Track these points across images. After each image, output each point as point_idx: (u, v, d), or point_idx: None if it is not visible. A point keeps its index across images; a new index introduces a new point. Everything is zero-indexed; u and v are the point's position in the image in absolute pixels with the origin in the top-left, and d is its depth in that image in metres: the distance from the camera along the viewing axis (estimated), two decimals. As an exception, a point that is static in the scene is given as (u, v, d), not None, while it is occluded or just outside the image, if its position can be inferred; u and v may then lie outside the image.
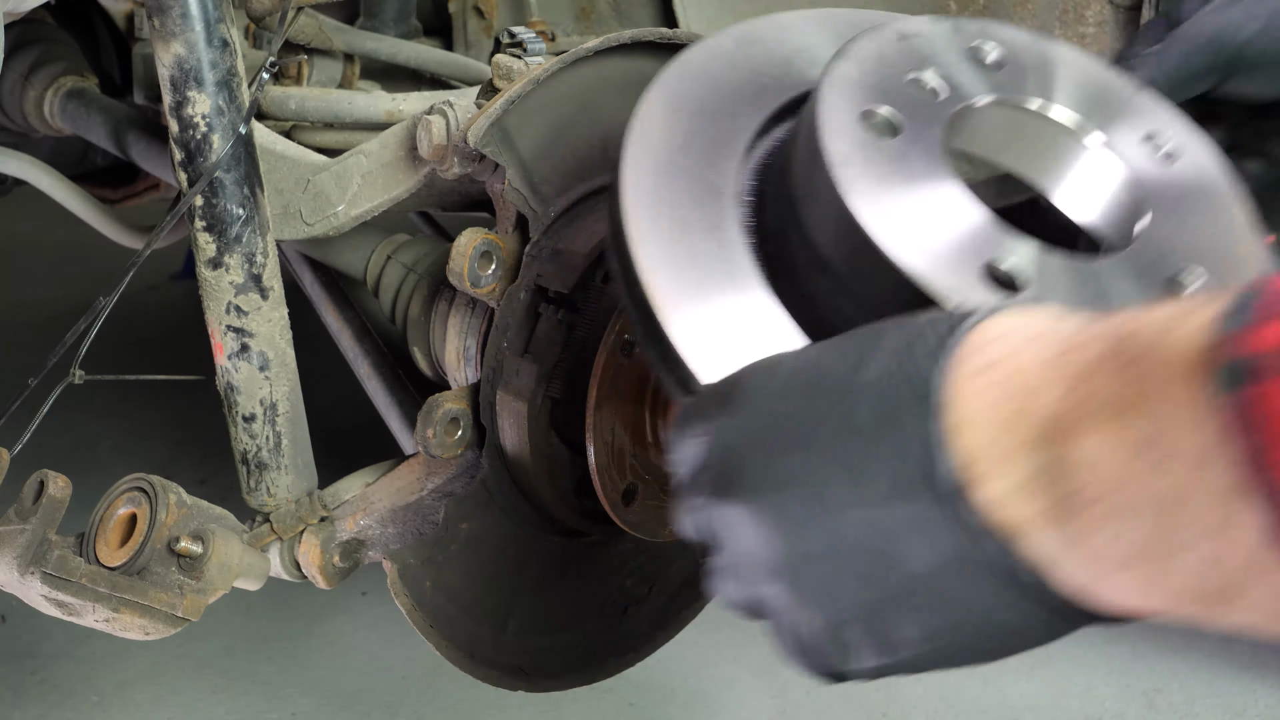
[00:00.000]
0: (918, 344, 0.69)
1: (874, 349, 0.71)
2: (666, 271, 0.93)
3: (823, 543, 0.71)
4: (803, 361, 0.76)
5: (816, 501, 0.71)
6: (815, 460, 0.71)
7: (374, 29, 2.04)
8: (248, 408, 1.29)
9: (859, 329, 0.75)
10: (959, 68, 0.98)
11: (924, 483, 0.66)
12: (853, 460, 0.69)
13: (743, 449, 0.76)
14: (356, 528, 1.33)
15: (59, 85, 2.12)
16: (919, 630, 0.69)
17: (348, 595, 2.71)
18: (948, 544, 0.66)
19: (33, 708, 2.43)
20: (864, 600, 0.70)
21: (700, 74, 1.03)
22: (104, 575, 1.15)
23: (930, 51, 0.98)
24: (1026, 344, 0.66)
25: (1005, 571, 0.65)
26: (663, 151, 0.98)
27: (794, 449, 0.73)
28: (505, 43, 1.33)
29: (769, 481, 0.74)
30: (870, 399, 0.69)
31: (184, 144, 1.20)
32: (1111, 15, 1.91)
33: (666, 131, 0.99)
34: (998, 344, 0.67)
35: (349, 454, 1.58)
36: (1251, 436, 0.53)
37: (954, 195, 0.89)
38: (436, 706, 2.39)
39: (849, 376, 0.71)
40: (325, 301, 1.58)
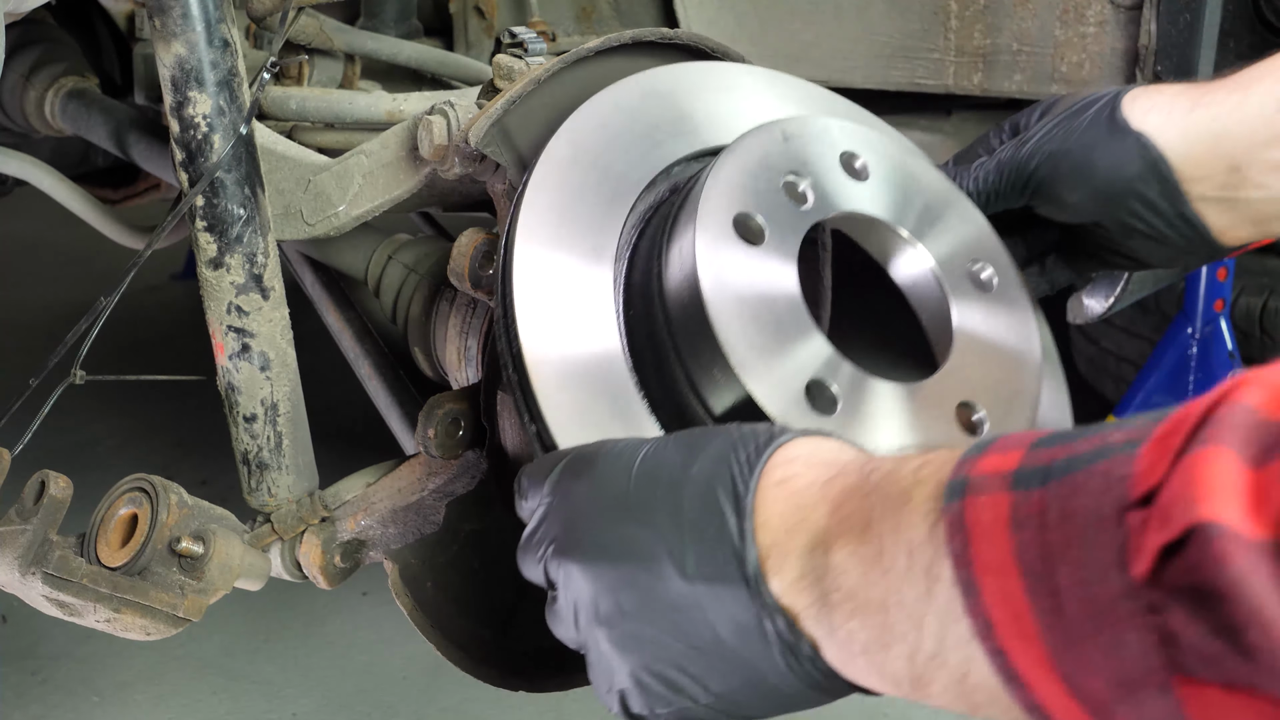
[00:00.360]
0: (737, 453, 0.86)
1: (703, 451, 0.87)
2: (542, 338, 1.04)
3: (641, 604, 0.86)
4: (646, 452, 0.91)
5: (642, 571, 0.86)
6: (646, 536, 0.86)
7: (375, 29, 2.04)
8: (249, 408, 1.29)
9: (693, 430, 0.92)
10: (829, 176, 1.09)
11: (735, 567, 0.81)
12: (677, 541, 0.85)
13: (587, 516, 0.91)
14: (357, 528, 1.33)
15: (60, 85, 2.12)
16: (717, 685, 0.84)
17: (349, 596, 2.71)
18: (748, 617, 0.81)
19: (33, 708, 2.43)
20: (670, 655, 0.86)
21: (600, 127, 1.13)
22: (105, 575, 1.15)
23: (806, 157, 1.09)
24: (811, 469, 0.83)
25: (790, 644, 0.80)
26: (553, 210, 1.08)
27: (630, 525, 0.88)
28: (506, 43, 1.33)
29: (605, 548, 0.89)
30: (696, 493, 0.85)
31: (185, 144, 1.20)
32: (1112, 15, 1.91)
33: (559, 192, 1.09)
34: (793, 464, 0.84)
35: (350, 454, 1.58)
36: (959, 537, 0.67)
37: (796, 315, 1.02)
38: (437, 707, 2.40)
39: (682, 471, 0.87)
40: (326, 302, 1.58)
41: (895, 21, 2.12)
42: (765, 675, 0.81)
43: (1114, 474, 0.62)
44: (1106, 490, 0.61)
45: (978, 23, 2.05)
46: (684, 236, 1.02)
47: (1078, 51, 1.96)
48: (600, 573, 0.89)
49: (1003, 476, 0.68)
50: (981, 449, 0.71)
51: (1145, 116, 1.13)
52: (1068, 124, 1.17)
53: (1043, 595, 0.63)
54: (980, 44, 2.05)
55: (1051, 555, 0.63)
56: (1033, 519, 0.64)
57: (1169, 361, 2.92)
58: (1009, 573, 0.65)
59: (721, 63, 1.26)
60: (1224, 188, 1.12)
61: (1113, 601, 0.60)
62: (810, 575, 0.79)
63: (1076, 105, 1.19)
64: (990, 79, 2.07)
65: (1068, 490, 0.63)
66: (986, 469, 0.69)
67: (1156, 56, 1.88)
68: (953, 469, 0.71)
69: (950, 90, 2.13)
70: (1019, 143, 1.20)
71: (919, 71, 2.14)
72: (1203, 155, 1.11)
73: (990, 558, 0.66)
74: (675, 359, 1.03)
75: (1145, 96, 1.14)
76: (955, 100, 2.30)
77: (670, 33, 1.32)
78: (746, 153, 1.06)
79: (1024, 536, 0.65)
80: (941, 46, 2.10)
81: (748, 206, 1.03)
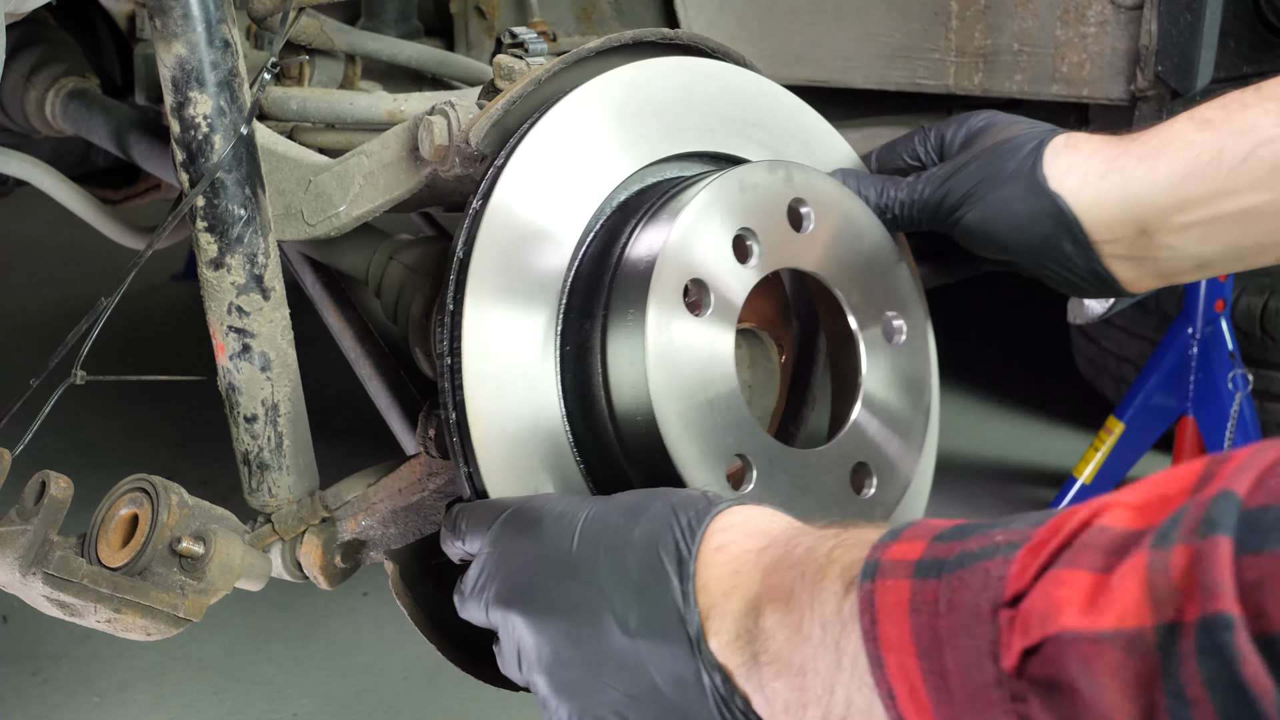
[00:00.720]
0: (678, 518, 0.95)
1: (644, 514, 0.96)
2: (483, 395, 1.11)
3: (581, 655, 0.96)
4: (590, 514, 1.00)
5: (585, 625, 0.95)
6: (589, 594, 0.95)
7: (375, 29, 2.04)
8: (249, 408, 1.29)
9: (632, 494, 1.01)
10: (776, 229, 1.18)
11: (678, 625, 0.91)
12: (621, 599, 0.94)
13: (531, 571, 1.00)
14: (358, 528, 1.33)
15: (60, 86, 2.12)
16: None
17: (349, 596, 2.71)
18: (688, 671, 0.90)
19: (34, 708, 2.43)
20: (607, 702, 0.95)
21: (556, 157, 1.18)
22: (105, 576, 1.15)
23: (760, 207, 1.17)
24: (747, 537, 0.93)
25: (725, 698, 0.89)
26: (505, 242, 1.14)
27: (574, 582, 0.97)
28: (507, 43, 1.33)
29: (549, 602, 0.98)
30: (639, 556, 0.94)
31: (185, 145, 1.20)
32: (1113, 15, 1.91)
33: (508, 229, 1.15)
34: (730, 531, 0.94)
35: (351, 455, 1.58)
36: (869, 614, 0.77)
37: (729, 393, 1.12)
38: (438, 707, 2.40)
39: (626, 533, 0.96)
40: (327, 302, 1.58)
41: (896, 22, 2.12)
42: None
43: (993, 574, 0.72)
44: (985, 588, 0.72)
45: (978, 23, 2.05)
46: (634, 308, 1.10)
47: (1078, 52, 1.96)
48: (543, 625, 0.98)
49: (907, 564, 0.77)
50: (895, 535, 0.81)
51: (1062, 179, 1.20)
52: (992, 168, 1.23)
53: (933, 674, 0.73)
54: (981, 44, 2.05)
55: (940, 640, 0.73)
56: (927, 605, 0.74)
57: (1169, 362, 2.92)
58: (907, 651, 0.75)
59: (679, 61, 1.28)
60: (1134, 248, 1.20)
61: (987, 687, 0.70)
62: (744, 636, 0.88)
63: (1001, 147, 1.24)
64: (991, 79, 2.07)
65: (956, 583, 0.73)
66: (895, 555, 0.79)
67: (1157, 56, 1.88)
68: (869, 551, 0.81)
69: (951, 90, 2.13)
70: (944, 176, 1.25)
71: (919, 72, 2.13)
72: (1114, 219, 1.19)
73: (892, 636, 0.76)
74: (610, 423, 1.12)
75: (1064, 155, 1.21)
76: (956, 100, 2.30)
77: (671, 33, 1.32)
78: (706, 209, 1.13)
79: (919, 620, 0.74)
80: (942, 47, 2.10)
81: (697, 271, 1.12)
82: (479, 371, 1.11)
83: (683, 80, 1.26)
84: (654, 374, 1.08)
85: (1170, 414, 2.97)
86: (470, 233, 1.14)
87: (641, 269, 1.11)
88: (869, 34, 2.16)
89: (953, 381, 3.85)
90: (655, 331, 1.09)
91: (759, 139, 1.29)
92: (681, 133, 1.25)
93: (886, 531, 0.82)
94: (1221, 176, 1.14)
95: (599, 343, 1.13)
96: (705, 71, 1.29)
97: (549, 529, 1.01)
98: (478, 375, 1.11)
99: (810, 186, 1.21)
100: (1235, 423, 2.85)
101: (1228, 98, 1.17)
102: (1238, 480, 0.64)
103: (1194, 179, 1.15)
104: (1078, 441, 3.32)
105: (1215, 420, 2.89)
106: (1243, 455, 0.66)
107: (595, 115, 1.20)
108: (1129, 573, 0.64)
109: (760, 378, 1.35)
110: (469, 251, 1.13)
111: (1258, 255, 1.20)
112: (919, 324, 1.28)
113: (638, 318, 1.09)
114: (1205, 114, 1.17)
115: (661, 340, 1.09)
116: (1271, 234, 1.16)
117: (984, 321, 4.11)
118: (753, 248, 1.16)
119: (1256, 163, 1.13)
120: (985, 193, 1.22)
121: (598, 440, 1.15)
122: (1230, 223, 1.16)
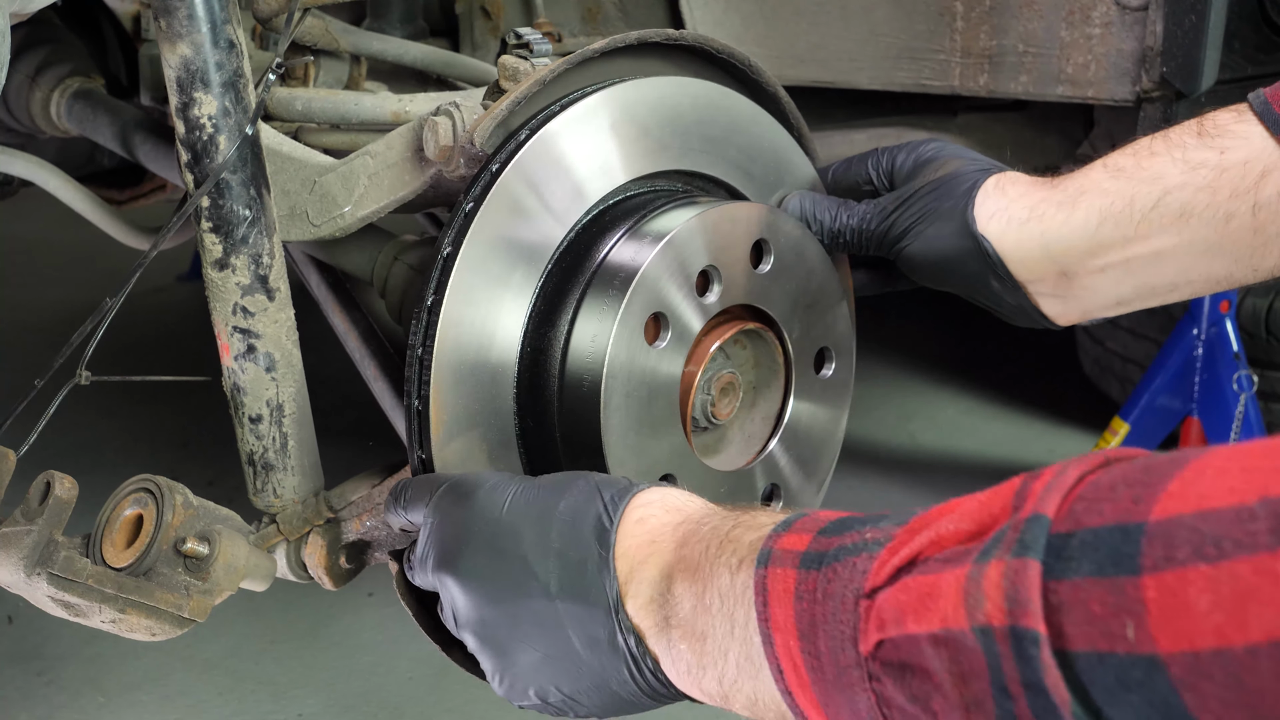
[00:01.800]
0: (602, 493, 1.03)
1: (571, 489, 1.05)
2: (449, 391, 1.18)
3: (507, 616, 1.04)
4: (519, 489, 1.08)
5: (510, 588, 1.03)
6: (514, 559, 1.03)
7: (381, 30, 2.04)
8: (254, 409, 1.29)
9: (563, 474, 1.10)
10: (737, 266, 1.26)
11: (598, 589, 0.99)
12: (544, 565, 1.02)
13: (467, 538, 1.07)
14: (363, 529, 1.33)
15: (66, 86, 2.12)
16: (568, 687, 1.02)
17: (354, 597, 2.71)
18: (604, 633, 0.98)
19: (39, 709, 2.43)
20: (530, 661, 1.04)
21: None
22: (110, 576, 1.15)
23: (726, 244, 1.24)
24: (666, 512, 1.02)
25: (637, 658, 0.97)
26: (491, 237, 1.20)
27: (500, 548, 1.05)
28: (511, 44, 1.33)
29: (478, 566, 1.06)
30: (563, 524, 1.03)
31: (190, 145, 1.20)
32: (1118, 16, 1.91)
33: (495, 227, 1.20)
34: (650, 507, 1.03)
35: (355, 455, 1.58)
36: (761, 596, 0.86)
37: (669, 414, 1.23)
38: (443, 708, 2.40)
39: (552, 505, 1.04)
40: (331, 302, 1.58)
41: (901, 23, 2.12)
42: (609, 681, 1.00)
43: (858, 568, 0.81)
44: (851, 580, 0.81)
45: (983, 24, 2.05)
46: (600, 330, 1.18)
47: (1084, 53, 1.95)
48: (470, 587, 1.06)
49: (794, 555, 0.87)
50: (787, 526, 0.90)
51: (988, 222, 1.28)
52: (930, 206, 1.32)
53: (810, 655, 0.83)
54: (986, 45, 2.05)
55: (816, 624, 0.82)
56: (808, 593, 0.84)
57: (1174, 363, 2.92)
58: (791, 633, 0.84)
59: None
60: (1056, 288, 1.29)
61: (849, 667, 0.80)
62: (657, 601, 0.97)
63: (942, 184, 1.33)
64: (996, 80, 2.06)
65: (830, 575, 0.83)
66: (785, 545, 0.88)
67: (1162, 58, 1.87)
68: (764, 540, 0.90)
69: (956, 91, 2.12)
70: (890, 209, 1.34)
71: (925, 73, 2.13)
72: (1035, 262, 1.28)
73: (780, 618, 0.85)
74: (555, 424, 1.22)
75: (993, 199, 1.29)
76: (961, 101, 2.30)
77: (675, 34, 1.32)
78: (680, 245, 1.21)
79: (801, 606, 0.84)
80: (947, 48, 2.09)
81: (661, 305, 1.20)
82: (450, 363, 1.18)
83: (671, 100, 1.30)
84: (605, 395, 1.17)
85: (1175, 415, 2.96)
86: (459, 234, 1.18)
87: (610, 297, 1.19)
88: (874, 35, 2.16)
89: (958, 382, 3.85)
90: (613, 357, 1.17)
91: (732, 158, 1.35)
92: (666, 151, 1.30)
93: (780, 521, 0.92)
94: (1133, 223, 1.23)
95: (560, 351, 1.21)
96: (694, 92, 1.32)
97: (481, 499, 1.08)
98: (449, 368, 1.18)
99: (774, 227, 1.29)
100: (1240, 424, 2.85)
101: (1139, 144, 1.26)
102: (1046, 502, 0.71)
103: (1108, 225, 1.24)
104: (1083, 442, 3.32)
105: (1220, 421, 2.89)
106: (1049, 474, 0.74)
107: (589, 129, 1.24)
108: (953, 581, 0.74)
109: (764, 378, 1.35)
110: (455, 251, 1.18)
111: (1170, 293, 1.29)
112: (846, 362, 1.41)
113: (599, 342, 1.18)
114: (1118, 161, 1.25)
115: (617, 364, 1.18)
116: (1181, 274, 1.25)
117: (989, 321, 4.11)
118: (714, 285, 1.25)
119: (1165, 209, 1.22)
120: (923, 228, 1.31)
121: (544, 440, 1.24)
122: (1143, 264, 1.25)
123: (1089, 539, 0.68)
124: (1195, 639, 0.62)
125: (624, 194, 1.28)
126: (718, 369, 1.29)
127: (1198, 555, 0.63)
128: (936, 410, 3.71)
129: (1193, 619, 0.63)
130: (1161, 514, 0.66)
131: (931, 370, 3.91)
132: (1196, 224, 1.21)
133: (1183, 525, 0.64)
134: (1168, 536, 0.65)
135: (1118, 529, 0.67)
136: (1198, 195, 1.20)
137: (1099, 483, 0.71)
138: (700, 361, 1.26)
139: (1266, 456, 0.64)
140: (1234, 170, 1.19)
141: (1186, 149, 1.22)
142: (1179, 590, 0.63)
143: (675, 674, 0.96)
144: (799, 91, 1.53)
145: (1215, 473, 0.66)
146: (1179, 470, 0.68)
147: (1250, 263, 1.23)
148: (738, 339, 1.29)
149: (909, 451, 3.47)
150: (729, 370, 1.30)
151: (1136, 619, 0.64)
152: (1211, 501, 0.64)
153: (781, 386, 1.35)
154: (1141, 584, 0.65)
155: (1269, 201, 1.19)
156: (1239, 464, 0.65)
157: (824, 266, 1.35)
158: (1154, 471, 0.69)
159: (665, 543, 0.99)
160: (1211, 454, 0.68)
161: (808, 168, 1.43)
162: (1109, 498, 0.69)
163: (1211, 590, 0.62)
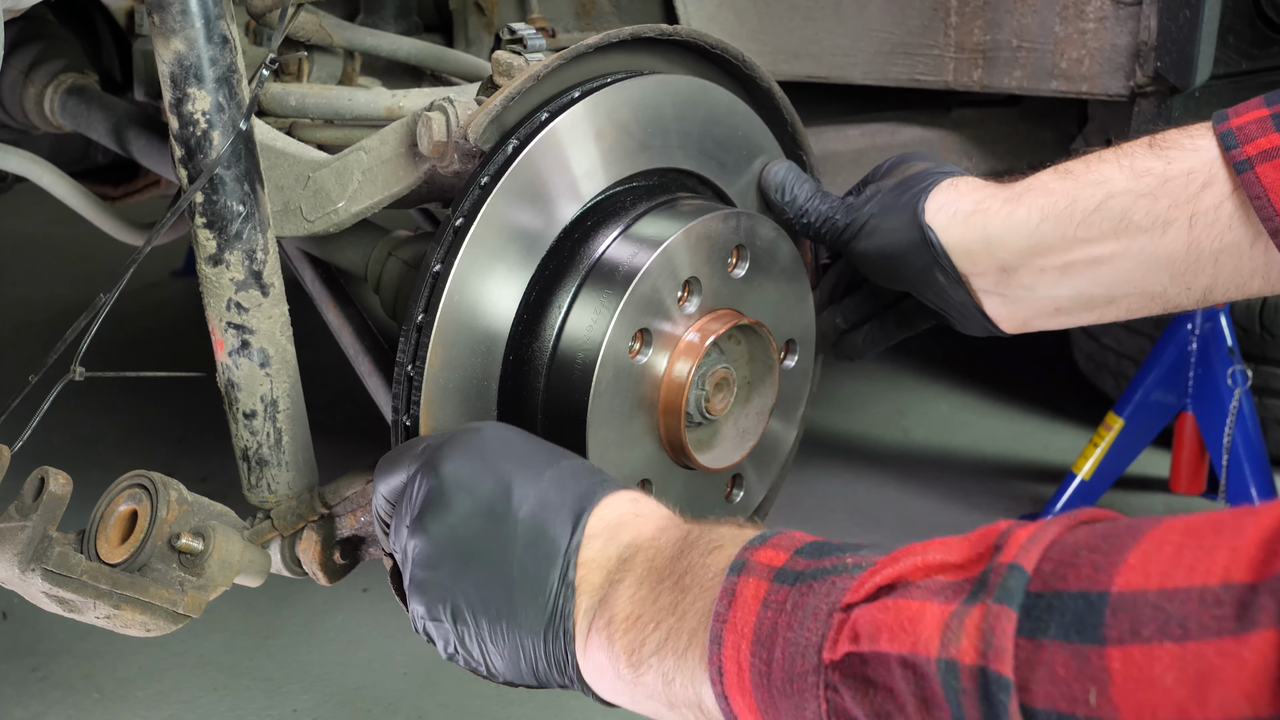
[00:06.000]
0: (578, 482, 1.06)
1: (550, 468, 1.07)
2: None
3: (466, 580, 1.04)
4: (506, 438, 1.10)
5: (466, 553, 1.04)
6: (473, 527, 1.05)
7: (374, 25, 2.04)
8: (248, 404, 1.29)
9: (549, 445, 1.12)
10: (716, 275, 1.28)
11: (560, 572, 1.01)
12: (500, 537, 1.04)
13: (439, 496, 1.07)
14: (357, 524, 1.33)
15: (59, 82, 2.12)
16: (500, 665, 1.04)
17: (349, 592, 2.71)
18: (553, 612, 1.00)
19: (34, 704, 2.43)
20: (472, 630, 1.04)
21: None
22: (105, 572, 1.15)
23: (709, 254, 1.26)
24: (634, 518, 1.04)
25: (568, 655, 1.00)
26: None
27: (468, 519, 1.05)
28: (505, 39, 1.33)
29: (443, 525, 1.06)
30: (533, 502, 1.04)
31: (184, 141, 1.20)
32: (1112, 11, 1.91)
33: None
34: (620, 510, 1.05)
35: (350, 450, 1.58)
36: (727, 599, 0.89)
37: (646, 423, 1.26)
38: (438, 703, 2.40)
39: (536, 477, 1.06)
40: (326, 298, 1.58)
41: (895, 18, 2.12)
42: (548, 666, 1.02)
43: (837, 586, 0.84)
44: (829, 595, 0.84)
45: (977, 19, 2.05)
46: (583, 353, 1.21)
47: (1078, 48, 1.96)
48: (430, 544, 1.07)
49: (769, 569, 0.89)
50: (763, 540, 0.93)
51: (936, 215, 1.30)
52: (887, 201, 1.34)
53: (760, 661, 0.85)
54: (980, 40, 2.05)
55: (776, 632, 0.85)
56: (776, 604, 0.86)
57: (1169, 358, 2.92)
58: (746, 635, 0.87)
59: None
60: (997, 284, 1.31)
61: (805, 673, 0.82)
62: (607, 592, 0.99)
63: (901, 183, 1.35)
64: (990, 75, 2.07)
65: (805, 591, 0.86)
66: (761, 559, 0.91)
67: (1156, 52, 1.88)
68: (739, 551, 0.93)
69: (950, 86, 2.13)
70: (857, 206, 1.37)
71: (919, 68, 2.14)
72: (978, 255, 1.29)
73: (739, 620, 0.87)
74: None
75: (944, 193, 1.31)
76: (955, 96, 2.30)
77: (669, 29, 1.32)
78: (665, 262, 1.22)
79: (765, 614, 0.86)
80: (941, 43, 2.10)
81: (647, 321, 1.23)
82: (441, 383, 1.20)
83: (656, 99, 1.30)
84: (593, 403, 1.19)
85: (1170, 410, 2.97)
86: (449, 251, 1.19)
87: (596, 319, 1.21)
88: (868, 29, 2.16)
89: (952, 377, 3.86)
90: (599, 374, 1.20)
91: (711, 152, 1.37)
92: (647, 151, 1.30)
93: (756, 535, 0.95)
94: (1074, 224, 1.24)
95: (544, 364, 1.23)
96: (678, 90, 1.33)
97: (463, 457, 1.09)
98: (440, 387, 1.20)
99: (752, 232, 1.31)
100: (1234, 418, 2.85)
101: (1091, 153, 1.27)
102: (1027, 555, 0.74)
103: (1049, 224, 1.25)
104: (1077, 438, 3.32)
105: (1214, 416, 2.89)
106: (1034, 528, 0.77)
107: (577, 134, 1.24)
108: (938, 613, 0.76)
109: (759, 373, 1.35)
110: (445, 270, 1.19)
111: (1108, 306, 1.31)
112: (808, 351, 1.43)
113: (587, 360, 1.20)
114: (1068, 165, 1.28)
115: (603, 378, 1.20)
116: (1118, 285, 1.27)
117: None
118: (694, 295, 1.27)
119: (1106, 213, 1.23)
120: (878, 222, 1.34)
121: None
122: (1080, 269, 1.27)
123: (1055, 603, 0.72)
124: (1158, 712, 0.66)
125: (612, 190, 1.29)
126: (712, 364, 1.29)
127: (1163, 634, 0.66)
128: (930, 406, 3.71)
129: (1157, 692, 0.66)
130: (1125, 586, 0.69)
131: (926, 366, 3.91)
132: (1134, 232, 1.23)
133: (1147, 602, 0.68)
134: (1133, 611, 0.68)
135: (1080, 596, 0.71)
136: (1138, 202, 1.22)
137: (1064, 545, 0.75)
138: (695, 356, 1.26)
139: (1219, 534, 0.68)
140: (1177, 180, 1.21)
141: (1135, 157, 1.23)
142: (1145, 665, 0.67)
143: (599, 666, 0.98)
144: (793, 87, 1.53)
145: (1174, 549, 0.69)
146: (1135, 542, 0.71)
147: (1184, 280, 1.24)
148: (732, 334, 1.30)
149: (903, 447, 3.47)
150: (723, 365, 1.30)
151: (1100, 686, 0.68)
152: (1174, 580, 0.68)
153: (775, 381, 1.35)
154: (1106, 654, 0.68)
155: (1206, 213, 1.20)
156: (1195, 541, 0.69)
157: (795, 263, 1.38)
158: (1113, 540, 0.73)
159: (627, 541, 1.02)
160: (1166, 527, 0.71)
161: (777, 150, 1.46)
162: (1072, 563, 0.73)
163: (1177, 668, 0.65)
